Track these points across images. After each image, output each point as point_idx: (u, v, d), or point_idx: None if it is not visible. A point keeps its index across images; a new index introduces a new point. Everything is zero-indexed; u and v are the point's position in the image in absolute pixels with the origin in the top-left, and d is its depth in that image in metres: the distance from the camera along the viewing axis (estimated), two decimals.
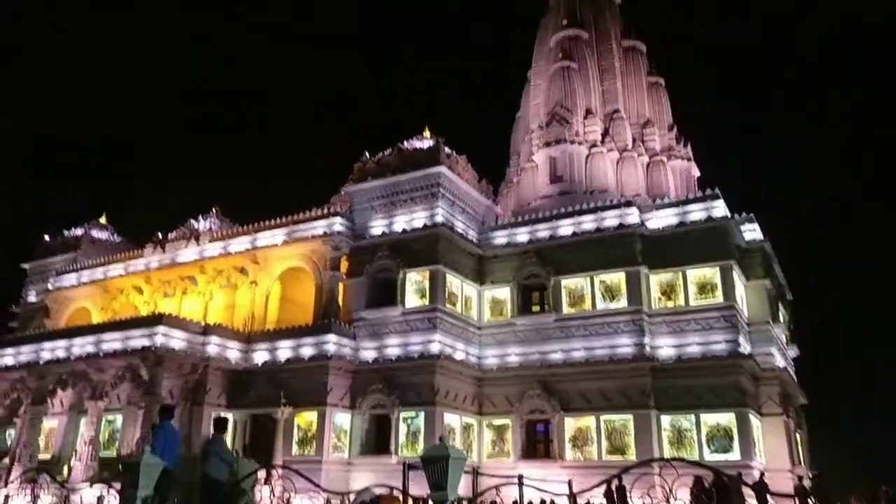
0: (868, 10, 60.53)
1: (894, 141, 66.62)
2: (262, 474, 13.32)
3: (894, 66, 71.37)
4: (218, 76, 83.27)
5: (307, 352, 23.05)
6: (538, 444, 23.11)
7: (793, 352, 27.04)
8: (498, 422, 23.59)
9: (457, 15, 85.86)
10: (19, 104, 72.15)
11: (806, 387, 26.99)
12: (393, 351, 23.38)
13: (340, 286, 25.06)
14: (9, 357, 25.73)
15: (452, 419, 22.57)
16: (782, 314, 26.06)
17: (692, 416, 21.06)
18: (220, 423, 11.31)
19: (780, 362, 23.48)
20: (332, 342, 22.91)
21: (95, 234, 34.05)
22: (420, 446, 21.30)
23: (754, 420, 21.44)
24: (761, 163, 65.52)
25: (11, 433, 24.62)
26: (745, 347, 22.03)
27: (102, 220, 35.47)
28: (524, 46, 35.68)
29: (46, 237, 34.36)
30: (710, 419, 20.83)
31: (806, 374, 28.44)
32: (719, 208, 23.42)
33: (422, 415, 22.05)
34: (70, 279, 31.19)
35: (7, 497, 19.39)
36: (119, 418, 24.53)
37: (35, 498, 17.76)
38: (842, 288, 49.91)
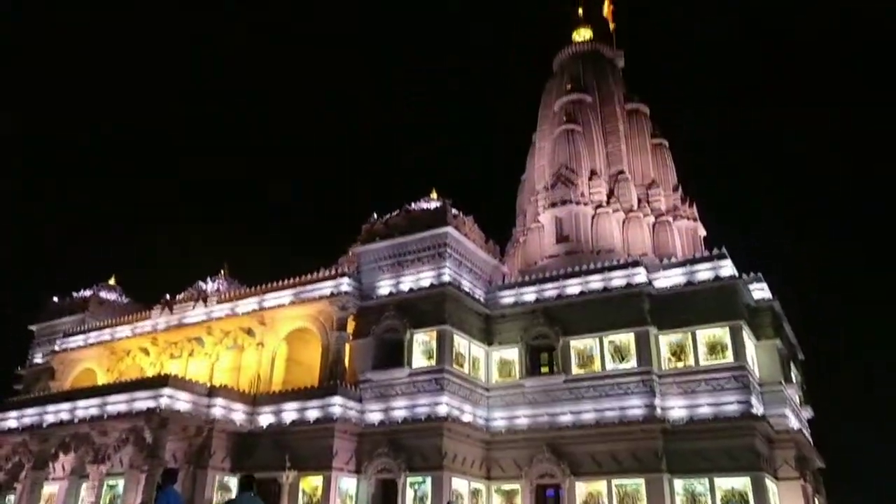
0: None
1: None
2: None
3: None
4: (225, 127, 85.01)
5: (312, 414, 22.77)
6: None
7: (807, 413, 26.53)
8: (507, 486, 23.04)
9: (464, 82, 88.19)
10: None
11: (823, 450, 26.39)
12: (399, 413, 23.06)
13: (347, 347, 24.94)
14: (12, 420, 25.49)
15: (460, 484, 22.08)
16: (795, 375, 25.68)
17: (706, 480, 20.54)
18: (248, 481, 10.73)
19: (794, 424, 23.00)
20: (337, 404, 22.64)
21: (104, 295, 34.21)
22: None
23: (770, 484, 20.87)
24: (769, 221, 66.00)
25: (11, 499, 24.17)
26: (758, 408, 21.63)
27: (111, 281, 35.69)
28: (529, 110, 36.42)
29: (55, 298, 34.51)
30: (725, 483, 20.30)
31: (822, 437, 27.88)
32: (727, 268, 23.41)
33: (429, 479, 21.59)
34: (77, 340, 31.16)
35: None
36: (121, 483, 24.06)
37: None
38: (857, 345, 49.45)
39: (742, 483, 20.12)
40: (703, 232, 31.62)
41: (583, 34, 37.40)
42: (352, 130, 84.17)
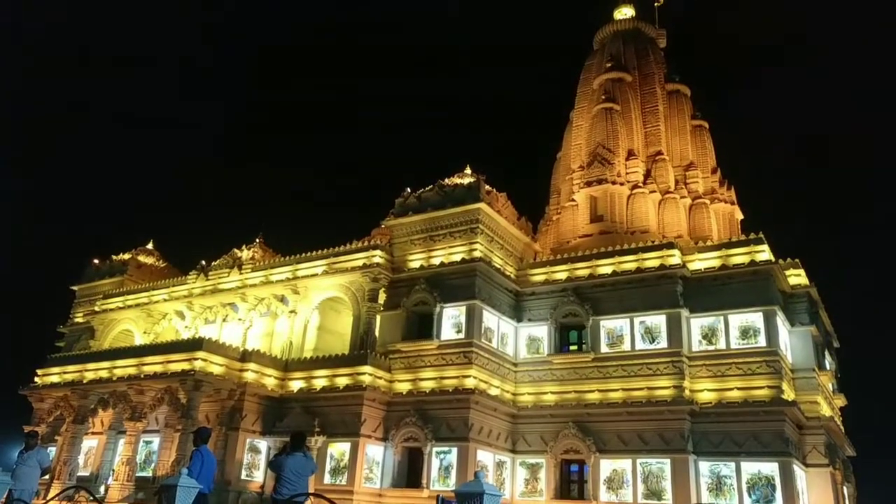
0: None
1: None
2: None
3: None
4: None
5: (342, 381, 23.16)
6: (572, 485, 22.69)
7: (840, 401, 26.17)
8: (531, 460, 23.24)
9: (502, 57, 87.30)
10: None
11: (855, 439, 26.08)
12: (427, 384, 23.34)
13: (377, 318, 25.23)
14: (54, 375, 26.41)
15: (486, 456, 22.33)
16: (829, 362, 25.33)
17: (732, 464, 20.45)
18: (300, 440, 10.97)
19: (826, 411, 22.74)
20: (367, 373, 22.99)
21: (142, 259, 34.98)
22: (452, 481, 21.09)
23: (798, 470, 20.72)
24: (810, 206, 64.62)
25: (52, 450, 25.10)
26: (789, 394, 21.42)
27: (150, 245, 36.47)
28: (567, 87, 36.05)
29: (96, 261, 35.39)
30: (752, 467, 20.18)
31: (855, 426, 27.54)
32: (763, 252, 23.07)
33: (455, 450, 21.86)
34: (116, 302, 32.02)
35: None
36: (156, 440, 24.84)
37: None
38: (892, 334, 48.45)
39: (769, 468, 19.99)
40: (740, 216, 31.16)
41: (624, 12, 36.76)
42: (386, 105, 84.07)
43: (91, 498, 14.90)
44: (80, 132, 76.95)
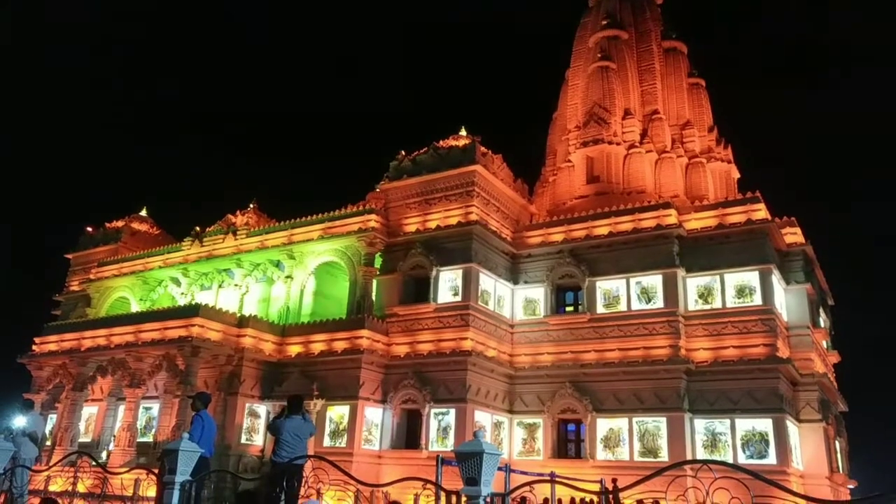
0: None
1: None
2: None
3: None
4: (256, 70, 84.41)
5: (340, 345, 23.25)
6: (569, 444, 23.00)
7: (833, 358, 26.44)
8: (529, 420, 23.50)
9: (495, 13, 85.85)
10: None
11: (847, 394, 26.41)
12: (425, 347, 23.45)
13: (374, 282, 25.22)
14: (52, 344, 26.44)
15: (483, 417, 22.56)
16: (823, 319, 25.49)
17: (727, 420, 20.71)
18: (298, 404, 11.09)
19: (819, 368, 22.96)
20: (365, 337, 23.07)
21: (136, 226, 34.78)
22: (450, 442, 21.34)
23: (791, 426, 21.01)
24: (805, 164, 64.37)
25: (52, 418, 25.27)
26: (784, 352, 21.59)
27: (143, 212, 36.23)
28: (563, 45, 35.51)
29: (89, 228, 35.20)
30: (746, 424, 20.45)
31: (847, 381, 27.88)
32: (759, 211, 23.01)
33: (452, 411, 22.08)
34: (111, 270, 31.92)
35: (48, 478, 19.93)
36: (156, 406, 25.02)
37: (76, 480, 18.21)
38: (886, 293, 48.80)
39: (763, 424, 20.25)
40: (736, 174, 31.00)
41: None
42: (379, 64, 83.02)
43: (94, 463, 14.98)
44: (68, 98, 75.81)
